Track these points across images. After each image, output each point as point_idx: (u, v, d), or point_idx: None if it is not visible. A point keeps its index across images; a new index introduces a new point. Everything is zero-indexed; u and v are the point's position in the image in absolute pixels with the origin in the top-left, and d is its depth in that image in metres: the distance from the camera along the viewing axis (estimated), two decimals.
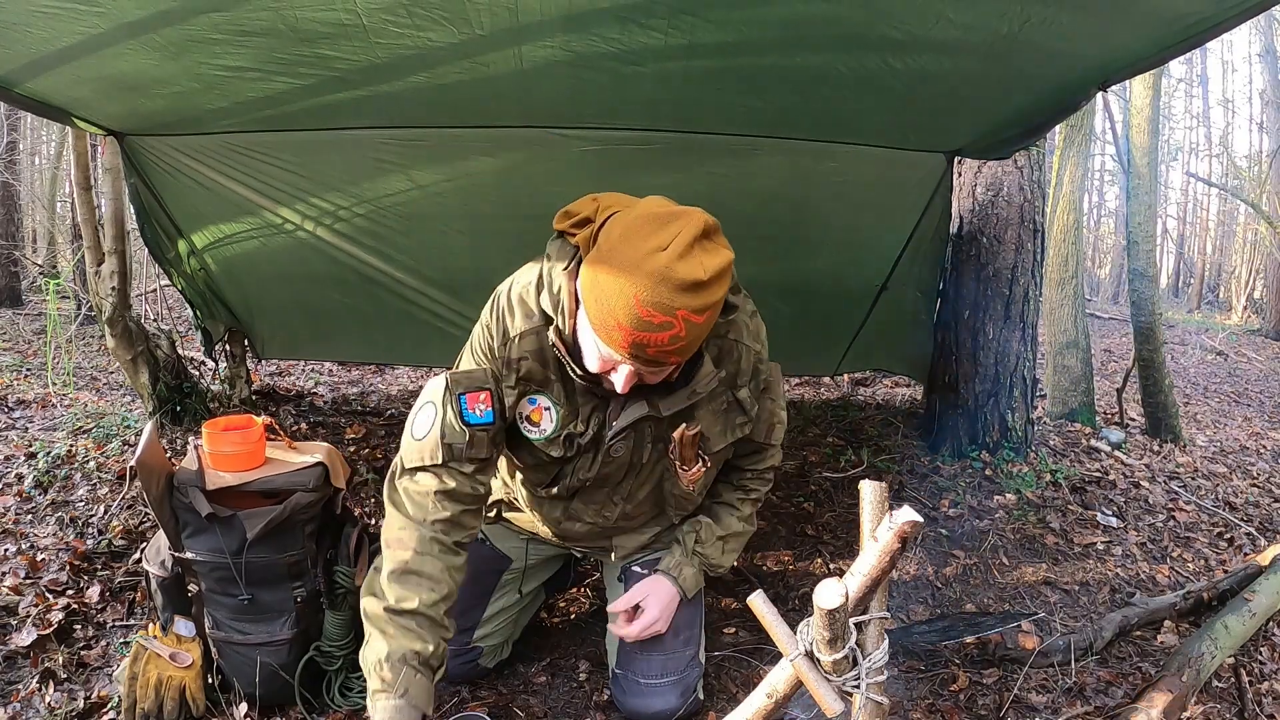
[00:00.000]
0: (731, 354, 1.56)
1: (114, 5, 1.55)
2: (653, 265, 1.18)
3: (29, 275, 8.20)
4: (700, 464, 1.63)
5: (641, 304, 1.19)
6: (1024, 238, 3.06)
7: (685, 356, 1.32)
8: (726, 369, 1.56)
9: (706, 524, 1.77)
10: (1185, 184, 19.88)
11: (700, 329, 1.25)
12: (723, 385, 1.58)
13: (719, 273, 1.22)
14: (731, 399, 1.61)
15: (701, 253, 1.20)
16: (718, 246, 1.24)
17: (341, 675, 1.81)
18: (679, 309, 1.20)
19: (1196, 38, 1.60)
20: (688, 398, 1.49)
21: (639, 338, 1.22)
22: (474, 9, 1.63)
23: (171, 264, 2.89)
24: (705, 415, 1.59)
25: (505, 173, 2.52)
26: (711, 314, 1.26)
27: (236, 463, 1.71)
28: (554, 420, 1.56)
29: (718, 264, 1.22)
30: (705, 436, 1.60)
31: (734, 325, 1.54)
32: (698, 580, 1.78)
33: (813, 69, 1.93)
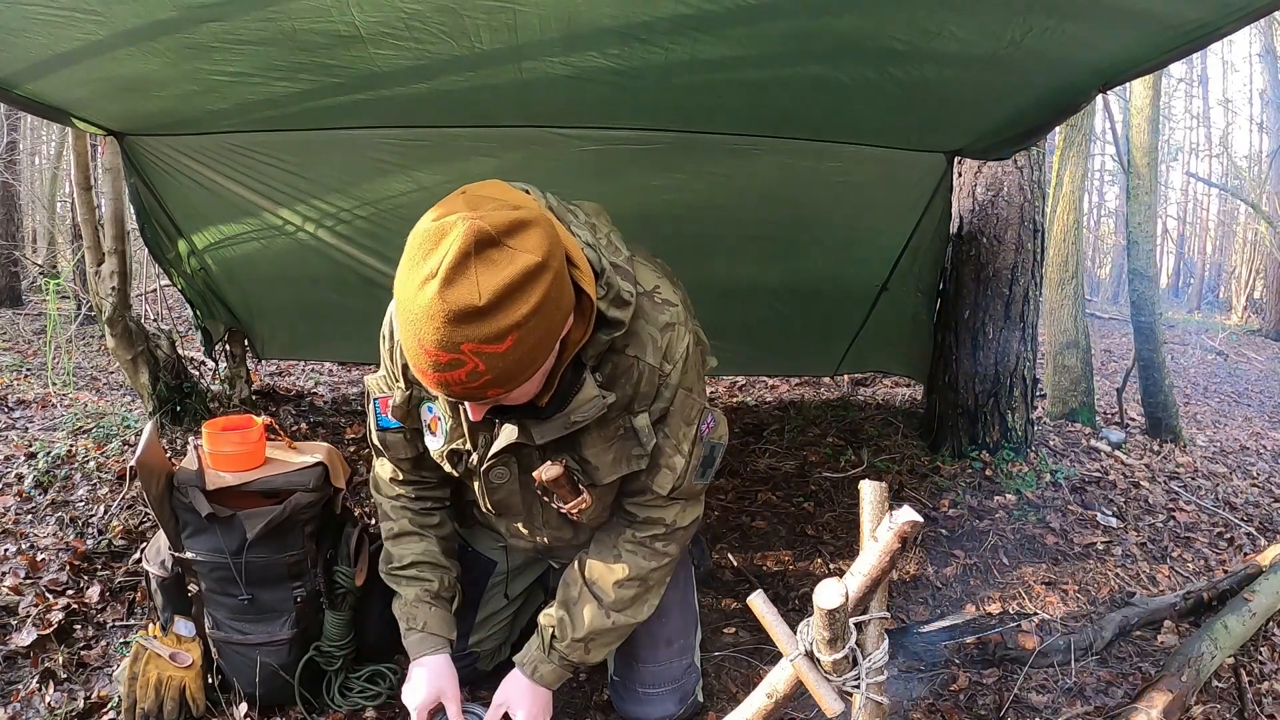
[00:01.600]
0: (629, 373, 1.35)
1: (112, 14, 1.55)
2: (423, 300, 1.00)
3: (29, 275, 8.19)
4: (579, 497, 1.45)
5: (424, 346, 1.02)
6: (1024, 238, 3.06)
7: (510, 386, 1.09)
8: (621, 391, 1.35)
9: (565, 623, 1.53)
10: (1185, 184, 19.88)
11: (506, 358, 1.04)
12: (615, 409, 1.36)
13: (505, 289, 0.99)
14: (628, 426, 1.39)
15: (479, 271, 0.99)
16: (507, 254, 1.01)
17: (341, 675, 1.81)
18: (462, 344, 1.00)
19: (1197, 41, 1.60)
20: (564, 426, 1.30)
21: (439, 379, 1.06)
22: (473, 25, 1.63)
23: (171, 264, 2.89)
24: (595, 441, 1.40)
25: (505, 173, 2.48)
26: (519, 338, 1.03)
27: (236, 463, 1.71)
28: (444, 432, 1.46)
29: (502, 280, 0.99)
30: (594, 466, 1.41)
31: (635, 339, 1.33)
32: (559, 675, 1.56)
33: (814, 79, 1.94)
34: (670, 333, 1.36)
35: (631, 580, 1.52)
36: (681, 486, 1.48)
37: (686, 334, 1.39)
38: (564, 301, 1.11)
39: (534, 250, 1.03)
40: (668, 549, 1.54)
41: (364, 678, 1.84)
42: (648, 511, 1.52)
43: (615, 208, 2.89)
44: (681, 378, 1.39)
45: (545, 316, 1.06)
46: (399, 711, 1.81)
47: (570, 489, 1.44)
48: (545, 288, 1.04)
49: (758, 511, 2.84)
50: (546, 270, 1.04)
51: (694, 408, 1.44)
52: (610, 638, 1.57)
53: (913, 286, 3.16)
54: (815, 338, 3.52)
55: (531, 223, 1.05)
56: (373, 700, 1.80)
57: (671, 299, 1.39)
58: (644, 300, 1.35)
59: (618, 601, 1.53)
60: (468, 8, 1.57)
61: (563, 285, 1.09)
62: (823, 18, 1.63)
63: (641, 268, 1.39)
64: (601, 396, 1.30)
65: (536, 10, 1.57)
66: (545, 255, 1.04)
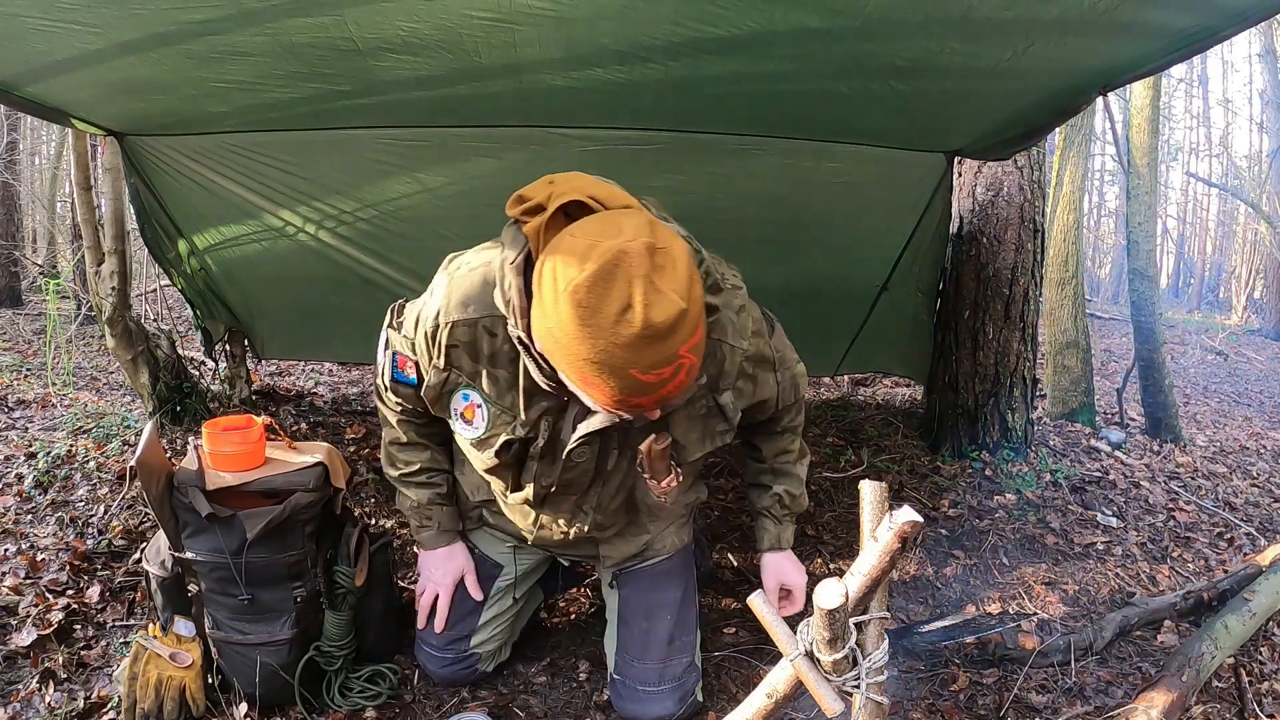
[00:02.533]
0: (714, 355, 1.44)
1: (111, 26, 1.56)
2: (631, 331, 1.05)
3: (29, 275, 8.19)
4: (673, 475, 1.50)
5: (643, 372, 1.08)
6: (1024, 238, 3.06)
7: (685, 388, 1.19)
8: (708, 371, 1.45)
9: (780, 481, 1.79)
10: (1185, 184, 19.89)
11: (702, 345, 1.17)
12: (702, 389, 1.46)
13: (688, 286, 1.09)
14: (712, 404, 1.49)
15: (666, 281, 1.06)
16: (666, 256, 1.08)
17: (341, 675, 1.81)
18: (679, 349, 1.09)
19: (1198, 45, 1.61)
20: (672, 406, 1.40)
21: (657, 397, 1.14)
22: (472, 43, 1.65)
23: (171, 264, 2.89)
24: (681, 421, 1.48)
25: (505, 174, 2.52)
26: (699, 322, 1.14)
27: (236, 463, 1.71)
28: (486, 419, 1.47)
29: (681, 280, 1.08)
30: (680, 445, 1.49)
31: (716, 325, 1.43)
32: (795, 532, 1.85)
33: (816, 91, 1.96)
34: (745, 314, 1.48)
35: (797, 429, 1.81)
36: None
37: (754, 311, 1.54)
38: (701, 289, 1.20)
39: (679, 245, 1.12)
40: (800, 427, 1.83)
41: (364, 678, 1.84)
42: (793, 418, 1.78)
43: None
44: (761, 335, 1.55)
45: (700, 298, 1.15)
46: (399, 711, 1.81)
47: (669, 465, 1.50)
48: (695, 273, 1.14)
49: None
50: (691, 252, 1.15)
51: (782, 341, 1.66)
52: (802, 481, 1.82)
53: (913, 287, 3.16)
54: (815, 338, 3.51)
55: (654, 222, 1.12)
56: (373, 700, 1.80)
57: (737, 282, 1.50)
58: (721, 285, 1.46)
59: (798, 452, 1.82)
60: (466, 26, 1.57)
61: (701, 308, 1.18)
62: (825, 42, 1.65)
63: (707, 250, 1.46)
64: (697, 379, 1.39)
65: (535, 29, 1.58)
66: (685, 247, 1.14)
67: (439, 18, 1.55)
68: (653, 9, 1.51)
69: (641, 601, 1.78)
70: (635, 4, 1.50)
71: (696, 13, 1.52)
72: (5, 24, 1.55)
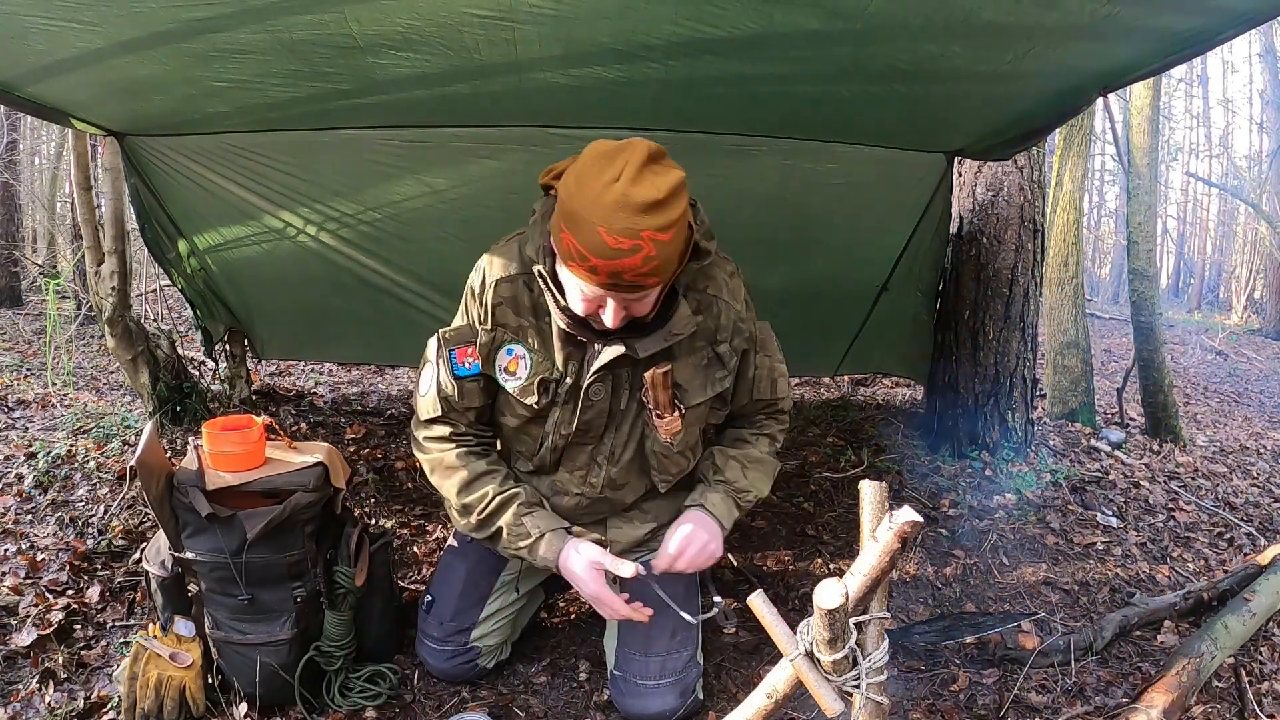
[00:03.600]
0: (711, 308, 1.61)
1: (111, 24, 1.56)
2: (610, 196, 1.27)
3: (29, 275, 8.19)
4: (676, 413, 1.62)
5: (608, 233, 1.27)
6: (1024, 238, 3.06)
7: (664, 277, 1.38)
8: (705, 323, 1.61)
9: (720, 451, 1.79)
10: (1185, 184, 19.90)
11: (669, 247, 1.32)
12: (702, 339, 1.62)
13: (673, 190, 1.29)
14: (711, 353, 1.65)
15: (652, 175, 1.29)
16: (667, 168, 1.32)
17: (341, 675, 1.81)
18: (643, 230, 1.27)
19: (1198, 47, 1.61)
20: (664, 339, 1.52)
21: (613, 266, 1.30)
22: (472, 40, 1.65)
23: (171, 264, 2.89)
24: (684, 367, 1.63)
25: (505, 176, 2.52)
26: (677, 231, 1.32)
27: (236, 463, 1.71)
28: (528, 367, 1.63)
29: (670, 182, 1.29)
30: (682, 387, 1.63)
31: (712, 280, 1.60)
32: (728, 507, 1.73)
33: (815, 94, 1.97)
34: (736, 279, 1.66)
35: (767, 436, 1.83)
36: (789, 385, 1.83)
37: (741, 281, 1.68)
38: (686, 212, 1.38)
39: (679, 170, 1.33)
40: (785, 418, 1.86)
41: (364, 678, 1.84)
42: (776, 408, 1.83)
43: None
44: (752, 314, 1.70)
45: (685, 223, 1.37)
46: (399, 711, 1.81)
47: (671, 398, 1.61)
48: (686, 199, 1.34)
49: (758, 511, 2.83)
50: (686, 186, 1.33)
51: (770, 333, 1.77)
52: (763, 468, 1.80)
53: (913, 287, 3.16)
54: (815, 339, 3.51)
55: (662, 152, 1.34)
56: (373, 700, 1.80)
57: (728, 255, 1.67)
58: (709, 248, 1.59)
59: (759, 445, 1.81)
60: (466, 23, 1.57)
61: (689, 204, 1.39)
62: (825, 45, 1.65)
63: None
64: (693, 316, 1.55)
65: (535, 27, 1.58)
66: (683, 177, 1.33)
67: (439, 15, 1.55)
68: (653, 9, 1.51)
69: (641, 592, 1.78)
70: (635, 3, 1.50)
71: (696, 13, 1.52)
72: (5, 23, 1.55)
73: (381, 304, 3.04)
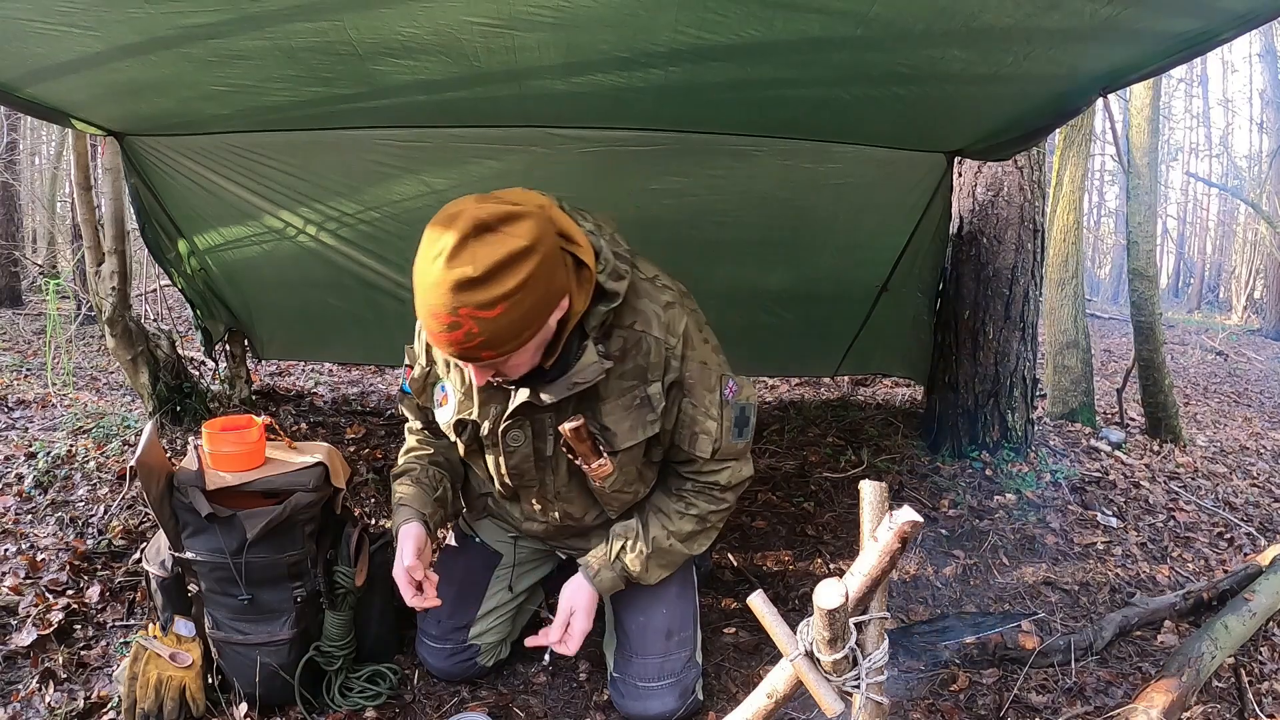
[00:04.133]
0: (639, 345, 1.52)
1: (109, 30, 1.56)
2: (430, 275, 1.23)
3: (29, 275, 8.19)
4: (601, 459, 1.56)
5: (432, 311, 1.25)
6: (1024, 238, 3.06)
7: (506, 348, 1.30)
8: (634, 362, 1.52)
9: (636, 535, 1.68)
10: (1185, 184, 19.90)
11: (496, 323, 1.24)
12: (632, 378, 1.54)
13: (499, 263, 1.21)
14: (643, 394, 1.55)
15: (476, 249, 1.21)
16: (500, 238, 1.22)
17: (341, 675, 1.81)
18: (460, 309, 1.22)
19: (1199, 48, 1.61)
20: (568, 387, 1.46)
21: (443, 338, 1.27)
22: (472, 48, 1.65)
23: (171, 264, 2.89)
24: (613, 409, 1.55)
25: (505, 177, 2.52)
26: (510, 305, 1.23)
27: (236, 463, 1.71)
28: (452, 406, 1.64)
29: (495, 255, 1.21)
30: (611, 432, 1.56)
31: (640, 315, 1.51)
32: (614, 585, 1.68)
33: (816, 97, 1.97)
34: (672, 310, 1.54)
35: (694, 516, 1.68)
36: (721, 447, 1.62)
37: (684, 314, 1.56)
38: (554, 282, 1.31)
39: (523, 236, 1.24)
40: (725, 495, 1.69)
41: (364, 678, 1.84)
42: (702, 479, 1.67)
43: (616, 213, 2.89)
44: (691, 351, 1.56)
45: (532, 291, 1.26)
46: (399, 711, 1.81)
47: (591, 447, 1.55)
48: (532, 267, 1.24)
49: (758, 511, 2.84)
50: (533, 253, 1.24)
51: (712, 376, 1.59)
52: (666, 559, 1.69)
53: (913, 287, 3.16)
54: (815, 339, 3.52)
55: (524, 215, 1.25)
56: (373, 700, 1.80)
57: (669, 285, 1.59)
58: (645, 284, 1.54)
59: (679, 531, 1.68)
60: (465, 32, 1.57)
61: (551, 268, 1.29)
62: (826, 50, 1.65)
63: (642, 260, 1.60)
64: (600, 362, 1.46)
65: (534, 35, 1.58)
66: (533, 241, 1.24)
67: (438, 23, 1.55)
68: (653, 16, 1.51)
69: (635, 595, 1.78)
70: (636, 11, 1.50)
71: (697, 20, 1.52)
72: (5, 27, 1.55)
73: (381, 304, 3.04)
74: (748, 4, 1.46)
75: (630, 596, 1.79)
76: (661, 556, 1.68)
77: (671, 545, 1.68)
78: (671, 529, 1.67)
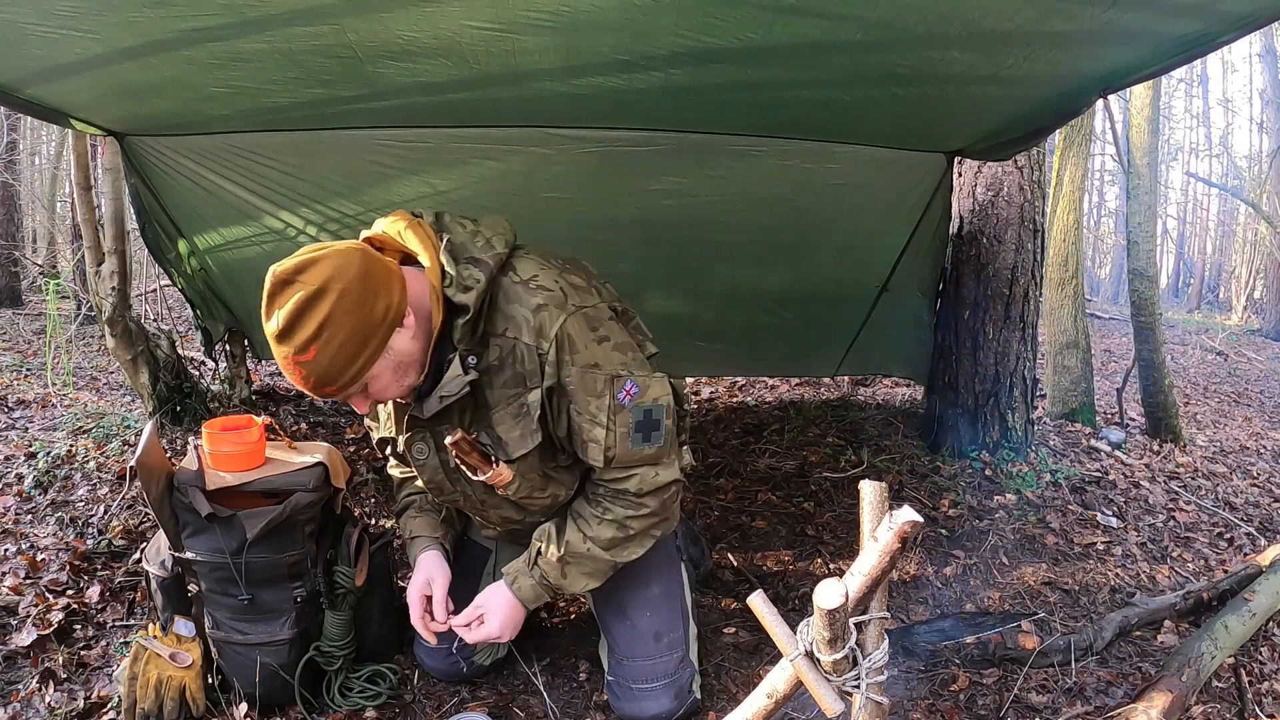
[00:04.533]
0: (513, 353, 1.49)
1: (108, 33, 1.56)
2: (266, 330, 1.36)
3: (29, 275, 8.20)
4: (495, 468, 1.56)
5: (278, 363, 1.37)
6: (1024, 238, 3.06)
7: (341, 381, 1.37)
8: (512, 369, 1.50)
9: (550, 539, 1.63)
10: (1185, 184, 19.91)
11: (318, 362, 1.33)
12: (514, 385, 1.52)
13: (291, 315, 1.30)
14: (524, 402, 1.53)
15: (278, 302, 1.32)
16: (295, 288, 1.31)
17: (341, 675, 1.81)
18: (285, 356, 1.34)
19: (1199, 49, 1.61)
20: (438, 402, 1.49)
21: (295, 383, 1.38)
22: (472, 51, 1.65)
23: (171, 264, 2.89)
24: (503, 419, 1.55)
25: (505, 177, 2.52)
26: (320, 346, 1.31)
27: (236, 463, 1.71)
28: (380, 426, 1.72)
29: (286, 310, 1.30)
30: (504, 441, 1.55)
31: (511, 321, 1.48)
32: (537, 594, 1.64)
33: (816, 98, 1.97)
34: (543, 313, 1.48)
35: (611, 521, 1.60)
36: (617, 455, 1.54)
37: (562, 315, 1.48)
38: (366, 312, 1.34)
39: (313, 282, 1.30)
40: (643, 500, 1.59)
41: (364, 678, 1.84)
42: (608, 485, 1.60)
43: (617, 214, 2.87)
44: (571, 355, 1.49)
45: (339, 328, 1.32)
46: (399, 711, 1.81)
47: (480, 458, 1.56)
48: (328, 308, 1.30)
49: (758, 511, 2.84)
50: (326, 294, 1.30)
51: (597, 380, 1.51)
52: (588, 566, 1.62)
53: (913, 287, 3.16)
54: (815, 339, 3.52)
55: (319, 260, 1.32)
56: (373, 700, 1.80)
57: (548, 285, 1.51)
58: (517, 288, 1.50)
59: (598, 537, 1.60)
60: (465, 35, 1.58)
61: (357, 301, 1.33)
62: (825, 53, 1.65)
63: (525, 260, 1.55)
64: (462, 376, 1.47)
65: (535, 39, 1.58)
66: (324, 283, 1.30)
67: (438, 27, 1.55)
68: (653, 20, 1.51)
69: (615, 599, 1.78)
70: (636, 15, 1.50)
71: (697, 24, 1.52)
72: (4, 30, 1.55)
73: None
74: (747, 8, 1.47)
75: (612, 601, 1.79)
76: (582, 563, 1.61)
77: (590, 550, 1.60)
78: (590, 534, 1.60)
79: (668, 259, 2.97)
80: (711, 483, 3.05)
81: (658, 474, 1.58)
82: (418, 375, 1.48)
